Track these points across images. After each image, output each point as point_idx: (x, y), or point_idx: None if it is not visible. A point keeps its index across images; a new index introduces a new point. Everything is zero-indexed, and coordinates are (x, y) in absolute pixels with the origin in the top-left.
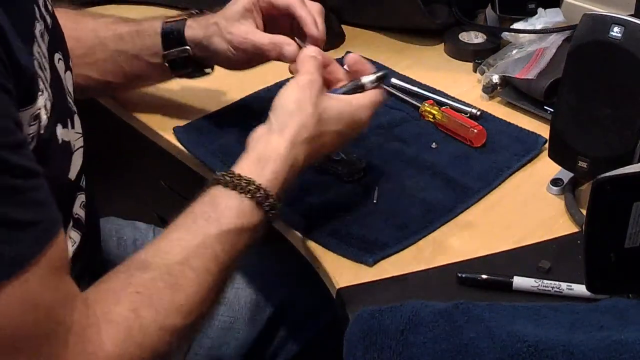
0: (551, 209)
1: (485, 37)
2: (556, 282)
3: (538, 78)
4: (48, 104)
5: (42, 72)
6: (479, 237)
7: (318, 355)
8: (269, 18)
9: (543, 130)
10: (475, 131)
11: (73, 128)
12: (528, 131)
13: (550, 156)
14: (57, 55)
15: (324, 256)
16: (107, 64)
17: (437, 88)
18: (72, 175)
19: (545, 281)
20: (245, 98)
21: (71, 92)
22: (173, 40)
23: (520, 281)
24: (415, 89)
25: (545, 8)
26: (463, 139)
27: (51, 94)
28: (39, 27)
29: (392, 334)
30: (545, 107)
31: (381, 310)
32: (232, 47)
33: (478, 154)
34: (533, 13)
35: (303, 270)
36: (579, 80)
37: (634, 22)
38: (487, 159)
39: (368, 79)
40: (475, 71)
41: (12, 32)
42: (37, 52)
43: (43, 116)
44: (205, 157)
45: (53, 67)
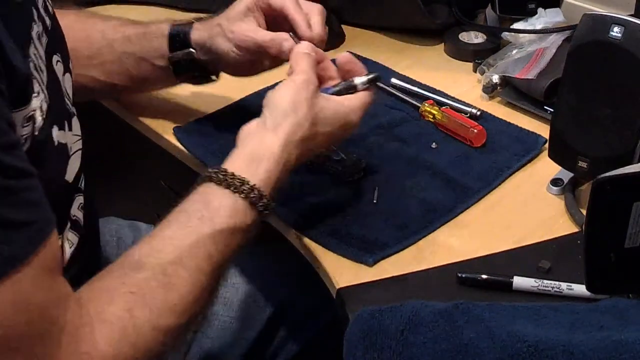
0: (551, 209)
1: (485, 37)
2: (556, 282)
3: (538, 78)
4: (44, 106)
5: (38, 74)
6: (479, 237)
7: (318, 355)
8: (271, 19)
9: (543, 130)
10: (475, 131)
11: (71, 130)
12: (528, 131)
13: (550, 156)
14: (56, 57)
15: (324, 256)
16: (114, 66)
17: (437, 88)
18: (70, 177)
19: (545, 281)
20: (245, 98)
21: (70, 95)
22: (179, 42)
23: (520, 281)
24: (415, 89)
25: (545, 8)
26: (463, 139)
27: (47, 96)
28: (37, 29)
29: (392, 334)
30: (545, 107)
31: (381, 310)
32: (235, 46)
33: (478, 154)
34: (533, 13)
35: (303, 270)
36: (579, 80)
37: (634, 22)
38: (487, 159)
39: (360, 80)
40: (475, 71)
41: (4, 34)
42: (34, 54)
43: (38, 118)
44: (205, 157)
45: (50, 69)
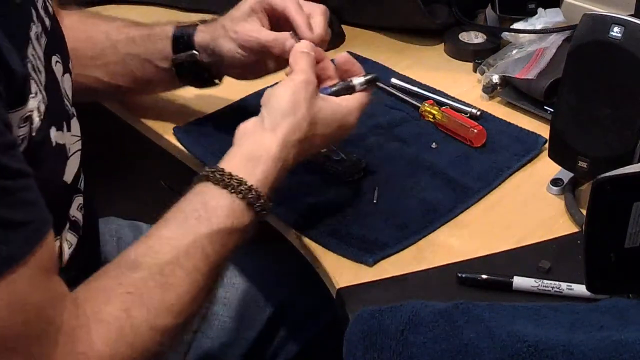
0: (551, 209)
1: (485, 37)
2: (556, 282)
3: (538, 78)
4: (42, 107)
5: (36, 75)
6: (479, 237)
7: (318, 355)
8: (274, 20)
9: (543, 130)
10: (475, 131)
11: (69, 131)
12: (528, 131)
13: (550, 156)
14: (55, 57)
15: (324, 256)
16: (118, 67)
17: (437, 88)
18: (68, 178)
19: (545, 281)
20: (245, 98)
21: (69, 95)
22: (182, 44)
23: (520, 281)
24: (415, 89)
25: (545, 8)
26: (463, 139)
27: (46, 97)
28: (35, 30)
29: (392, 334)
30: (545, 107)
31: (381, 310)
32: (239, 47)
33: (478, 154)
34: (533, 13)
35: (303, 270)
36: (579, 80)
37: (634, 22)
38: (487, 159)
39: (358, 81)
40: (475, 71)
41: (1, 34)
42: (32, 55)
43: (35, 118)
44: (205, 157)
45: (49, 70)
